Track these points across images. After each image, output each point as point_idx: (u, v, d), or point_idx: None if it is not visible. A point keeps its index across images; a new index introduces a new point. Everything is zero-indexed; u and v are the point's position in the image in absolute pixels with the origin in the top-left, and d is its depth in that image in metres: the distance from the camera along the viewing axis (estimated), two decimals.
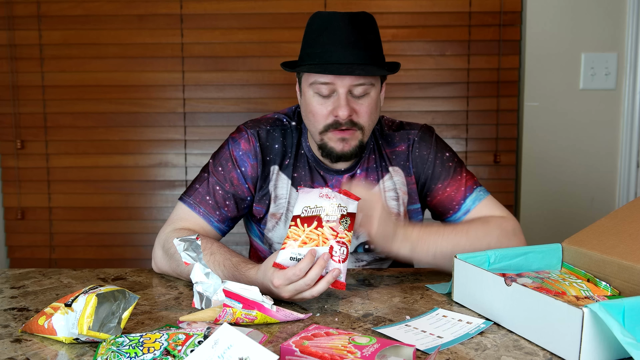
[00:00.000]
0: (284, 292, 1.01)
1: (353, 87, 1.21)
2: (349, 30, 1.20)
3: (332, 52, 1.20)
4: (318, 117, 1.24)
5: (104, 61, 2.36)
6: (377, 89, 1.26)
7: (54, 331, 0.89)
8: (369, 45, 1.22)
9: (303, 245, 1.00)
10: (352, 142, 1.25)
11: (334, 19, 1.21)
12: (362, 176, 1.34)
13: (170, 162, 2.41)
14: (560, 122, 2.29)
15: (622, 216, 1.11)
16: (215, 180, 1.32)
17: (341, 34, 1.20)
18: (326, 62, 1.20)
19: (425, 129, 1.39)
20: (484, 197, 1.32)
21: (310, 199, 1.04)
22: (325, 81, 1.21)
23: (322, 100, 1.23)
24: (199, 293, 1.00)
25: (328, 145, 1.25)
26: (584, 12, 2.24)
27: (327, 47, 1.20)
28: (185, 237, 0.99)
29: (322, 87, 1.21)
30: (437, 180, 1.34)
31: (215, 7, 2.33)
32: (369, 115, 1.25)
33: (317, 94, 1.23)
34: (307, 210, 1.03)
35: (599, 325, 0.79)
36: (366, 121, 1.25)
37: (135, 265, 2.44)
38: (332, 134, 1.24)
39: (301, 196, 1.05)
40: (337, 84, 1.20)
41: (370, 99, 1.24)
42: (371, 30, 1.23)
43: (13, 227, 2.46)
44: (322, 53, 1.21)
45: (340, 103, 1.21)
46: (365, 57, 1.20)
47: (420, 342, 0.88)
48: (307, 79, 1.24)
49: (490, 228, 1.24)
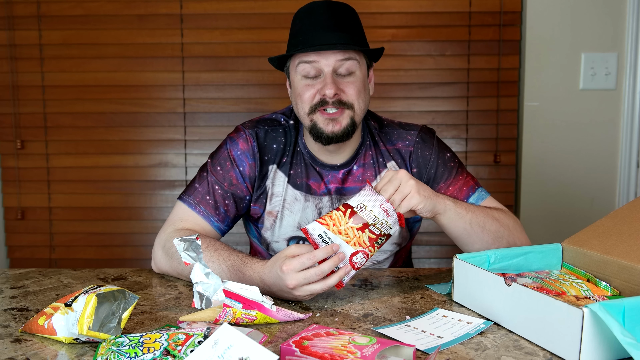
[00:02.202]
0: (292, 279, 0.99)
1: (338, 66, 1.24)
2: (328, 15, 1.25)
3: (314, 34, 1.24)
4: (305, 97, 1.26)
5: (104, 61, 2.36)
6: (363, 68, 1.28)
7: (54, 331, 0.89)
8: (349, 28, 1.25)
9: (338, 234, 1.02)
10: (343, 121, 1.25)
11: (314, 7, 1.27)
12: (358, 172, 1.34)
13: (170, 162, 2.41)
14: (560, 122, 2.29)
15: (622, 216, 1.11)
16: (215, 180, 1.32)
17: (321, 18, 1.25)
18: (310, 43, 1.23)
19: (425, 130, 1.39)
20: (486, 197, 1.33)
21: (371, 201, 1.05)
22: (309, 60, 1.24)
23: (309, 81, 1.26)
24: (199, 293, 1.00)
25: (317, 126, 1.26)
26: (584, 12, 2.24)
27: (309, 32, 1.24)
28: (185, 237, 0.99)
29: (307, 66, 1.25)
30: (439, 180, 1.34)
31: (215, 7, 2.33)
32: (357, 93, 1.26)
33: (304, 77, 1.26)
34: (361, 208, 1.04)
35: (599, 325, 0.79)
36: (355, 99, 1.26)
37: (135, 265, 2.44)
38: (320, 115, 1.25)
39: (365, 192, 1.07)
40: (322, 62, 1.23)
41: (356, 78, 1.26)
42: (351, 17, 1.27)
43: (13, 227, 2.46)
44: (305, 38, 1.24)
45: (326, 81, 1.23)
46: (346, 38, 1.24)
47: (420, 342, 0.88)
48: (294, 63, 1.28)
49: (506, 214, 1.27)
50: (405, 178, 1.09)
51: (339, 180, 1.34)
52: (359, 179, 1.34)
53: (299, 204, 1.34)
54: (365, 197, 1.06)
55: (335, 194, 1.34)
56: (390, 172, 1.11)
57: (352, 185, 1.34)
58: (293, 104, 1.33)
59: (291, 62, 1.30)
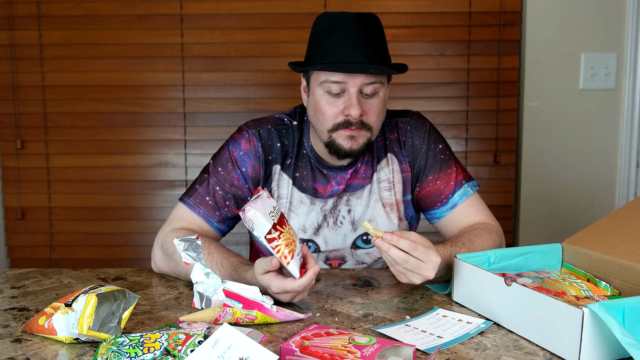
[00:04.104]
0: (282, 297, 1.04)
1: (364, 86, 1.21)
2: (359, 30, 1.20)
3: (343, 50, 1.20)
4: (327, 115, 1.24)
5: (104, 61, 2.36)
6: (386, 88, 1.27)
7: (54, 331, 0.89)
8: (377, 44, 1.23)
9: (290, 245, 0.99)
10: (361, 140, 1.25)
11: (344, 19, 1.22)
12: (362, 169, 1.35)
13: (170, 162, 2.41)
14: (560, 122, 2.29)
15: (622, 216, 1.11)
16: (216, 181, 1.32)
17: (352, 33, 1.20)
18: (338, 60, 1.20)
19: (417, 117, 1.39)
20: (471, 194, 1.34)
21: (262, 207, 0.98)
22: (336, 80, 1.21)
23: (332, 99, 1.23)
24: (199, 293, 1.00)
25: (336, 142, 1.25)
26: (584, 12, 2.24)
27: (338, 46, 1.21)
28: (185, 237, 0.99)
29: (333, 85, 1.21)
30: (428, 172, 1.35)
31: (215, 7, 2.33)
32: (377, 115, 1.25)
33: (327, 93, 1.23)
34: (273, 215, 0.99)
35: (599, 325, 0.79)
36: (375, 121, 1.25)
37: (135, 265, 2.44)
38: (342, 132, 1.24)
39: (256, 212, 0.97)
40: (349, 82, 1.20)
41: (379, 99, 1.25)
42: (378, 30, 1.24)
43: (13, 227, 2.46)
44: (333, 52, 1.21)
45: (352, 102, 1.21)
46: (376, 56, 1.21)
47: (420, 342, 0.88)
48: (317, 78, 1.24)
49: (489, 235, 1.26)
50: (433, 268, 1.05)
51: (347, 179, 1.34)
52: (362, 175, 1.35)
53: (305, 207, 1.34)
54: (261, 211, 0.98)
55: (341, 194, 1.34)
56: (424, 249, 1.04)
57: (356, 182, 1.34)
58: (310, 114, 1.30)
59: (314, 73, 1.26)
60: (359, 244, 1.36)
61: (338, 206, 1.34)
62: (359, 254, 1.36)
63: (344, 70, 1.19)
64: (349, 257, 1.36)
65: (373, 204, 1.34)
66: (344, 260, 1.37)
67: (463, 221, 1.32)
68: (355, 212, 1.34)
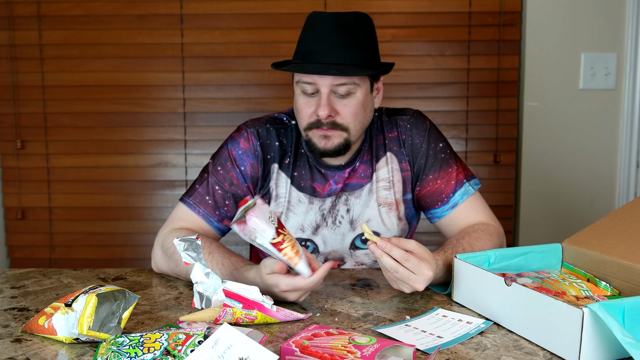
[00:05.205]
0: (290, 296, 1.03)
1: (336, 87, 1.22)
2: (331, 31, 1.21)
3: (312, 52, 1.22)
4: (302, 114, 1.26)
5: (104, 61, 2.36)
6: (364, 89, 1.25)
7: (54, 331, 0.89)
8: (353, 46, 1.21)
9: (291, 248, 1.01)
10: (335, 140, 1.25)
11: (319, 19, 1.23)
12: (361, 168, 1.34)
13: (170, 162, 2.41)
14: (560, 122, 2.29)
15: (622, 216, 1.11)
16: (215, 180, 1.32)
17: (323, 34, 1.21)
18: (307, 61, 1.22)
19: (417, 115, 1.38)
20: (472, 193, 1.33)
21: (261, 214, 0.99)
22: (307, 80, 1.22)
23: (307, 99, 1.25)
24: (199, 293, 1.00)
25: (312, 141, 1.27)
26: (584, 12, 2.24)
27: (309, 47, 1.23)
28: (185, 237, 0.99)
29: (306, 86, 1.23)
30: (428, 172, 1.34)
31: (215, 7, 2.33)
32: (353, 115, 1.24)
33: (302, 93, 1.25)
34: (273, 220, 1.00)
35: (599, 325, 0.79)
36: (351, 122, 1.25)
37: (135, 265, 2.44)
38: (316, 131, 1.25)
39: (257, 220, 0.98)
40: (319, 83, 1.21)
41: (356, 100, 1.24)
42: (360, 31, 1.23)
43: (13, 227, 2.46)
44: (305, 53, 1.23)
45: (320, 103, 1.22)
46: (346, 58, 1.20)
47: (420, 342, 0.88)
48: (295, 78, 1.27)
49: (489, 237, 1.26)
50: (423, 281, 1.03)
51: (344, 179, 1.34)
52: (361, 175, 1.34)
53: (303, 206, 1.34)
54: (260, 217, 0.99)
55: (340, 193, 1.34)
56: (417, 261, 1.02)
57: (354, 182, 1.34)
58: (294, 112, 1.32)
59: (294, 73, 1.27)
60: (358, 244, 1.35)
61: (337, 206, 1.34)
62: (358, 255, 1.36)
63: (306, 72, 1.20)
64: (348, 258, 1.36)
65: (372, 203, 1.34)
66: (343, 261, 1.37)
67: (464, 221, 1.32)
68: (353, 212, 1.34)
